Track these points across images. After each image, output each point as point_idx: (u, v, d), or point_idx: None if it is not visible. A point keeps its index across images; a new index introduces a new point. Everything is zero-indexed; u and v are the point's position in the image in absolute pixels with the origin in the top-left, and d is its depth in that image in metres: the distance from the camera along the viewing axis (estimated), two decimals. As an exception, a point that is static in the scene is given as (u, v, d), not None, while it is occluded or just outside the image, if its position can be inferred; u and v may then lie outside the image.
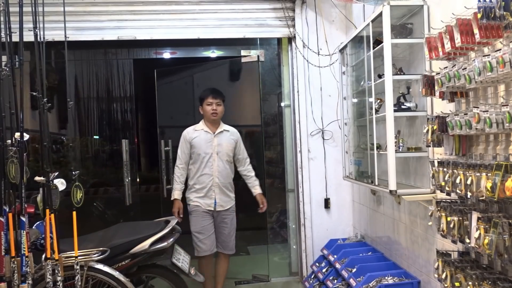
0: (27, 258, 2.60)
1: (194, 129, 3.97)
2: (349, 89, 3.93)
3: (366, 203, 4.08)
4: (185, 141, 3.95)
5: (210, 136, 3.92)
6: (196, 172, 3.91)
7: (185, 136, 3.96)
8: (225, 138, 3.96)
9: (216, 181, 3.88)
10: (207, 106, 3.91)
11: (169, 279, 3.31)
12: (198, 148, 3.88)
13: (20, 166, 2.58)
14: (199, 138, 3.91)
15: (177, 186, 3.94)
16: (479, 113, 1.99)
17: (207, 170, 3.88)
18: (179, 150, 3.97)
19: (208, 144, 3.89)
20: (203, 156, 3.87)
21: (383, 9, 2.79)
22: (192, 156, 3.93)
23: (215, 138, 3.92)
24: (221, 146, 3.91)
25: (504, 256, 1.83)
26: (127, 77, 6.00)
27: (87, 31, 4.21)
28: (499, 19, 1.82)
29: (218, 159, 3.89)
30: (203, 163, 3.87)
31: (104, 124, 6.07)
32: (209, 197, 3.88)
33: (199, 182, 3.89)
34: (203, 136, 3.92)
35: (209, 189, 3.88)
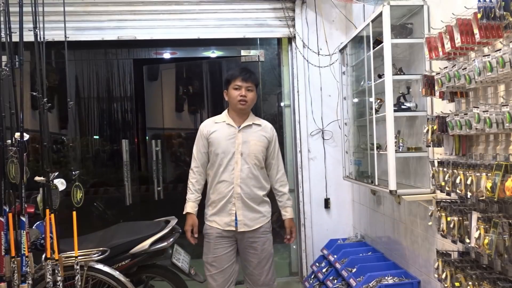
0: (27, 258, 2.60)
1: (214, 121, 3.11)
2: (349, 89, 3.92)
3: (366, 203, 4.08)
4: (201, 136, 3.09)
5: (234, 131, 3.03)
6: (213, 179, 3.03)
7: (202, 130, 3.10)
8: (254, 134, 3.06)
9: (238, 191, 2.96)
10: (234, 90, 3.02)
11: (169, 279, 3.31)
12: (217, 145, 3.00)
13: (20, 166, 2.58)
14: (218, 133, 3.03)
15: (190, 196, 3.07)
16: (479, 113, 1.98)
17: (226, 175, 2.98)
18: (195, 148, 3.12)
19: (230, 141, 3.00)
20: (222, 156, 2.99)
21: (383, 9, 2.79)
22: (210, 156, 3.07)
23: (239, 134, 3.02)
24: (247, 144, 3.01)
25: (504, 256, 1.83)
26: (127, 77, 6.00)
27: (87, 31, 4.21)
28: (499, 19, 1.82)
29: (242, 161, 2.98)
30: (221, 166, 2.99)
31: (104, 124, 6.07)
32: (227, 213, 2.98)
33: (215, 192, 3.02)
34: (225, 130, 3.04)
35: (228, 201, 2.97)
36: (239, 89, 3.01)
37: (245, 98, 3.00)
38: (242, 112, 3.06)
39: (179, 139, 5.77)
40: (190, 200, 3.07)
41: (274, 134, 3.15)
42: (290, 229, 3.16)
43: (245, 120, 3.07)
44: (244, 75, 3.03)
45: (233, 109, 3.07)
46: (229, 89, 3.06)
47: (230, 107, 3.09)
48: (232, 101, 3.04)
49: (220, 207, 2.99)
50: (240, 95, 3.00)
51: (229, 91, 3.05)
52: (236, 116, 3.07)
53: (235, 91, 3.02)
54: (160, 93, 5.88)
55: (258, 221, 3.02)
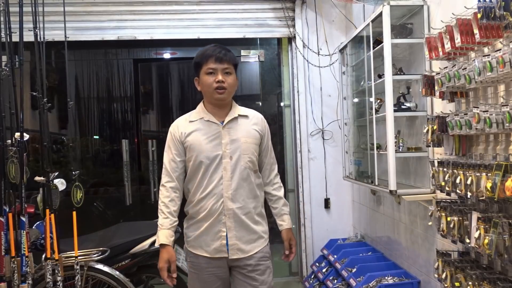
0: (27, 258, 2.60)
1: (188, 119, 2.39)
2: (349, 89, 3.92)
3: (366, 203, 4.08)
4: (174, 141, 2.36)
5: (216, 128, 2.33)
6: (194, 193, 2.33)
7: (174, 132, 2.37)
8: (243, 128, 2.36)
9: (229, 205, 2.28)
10: (207, 76, 2.29)
11: (169, 279, 3.30)
12: (198, 151, 2.29)
13: (20, 166, 2.58)
14: (197, 134, 2.32)
15: (164, 221, 2.30)
16: (479, 113, 1.98)
17: (213, 187, 2.28)
18: (165, 158, 2.37)
19: (214, 143, 2.31)
20: (206, 164, 2.28)
21: (383, 9, 2.79)
22: (189, 165, 2.34)
23: (224, 131, 2.32)
24: (236, 143, 2.32)
25: (504, 256, 1.83)
26: (127, 77, 6.00)
27: (87, 31, 4.21)
28: (499, 19, 1.82)
29: (232, 166, 2.29)
30: (205, 176, 2.29)
31: (104, 124, 6.07)
32: (215, 236, 2.30)
33: (199, 209, 2.31)
34: (205, 129, 2.33)
35: (216, 220, 2.29)
36: (213, 74, 2.28)
37: (223, 85, 2.27)
38: (221, 103, 2.34)
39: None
40: (164, 226, 2.29)
41: (266, 125, 2.46)
42: (289, 242, 2.47)
43: (228, 113, 2.35)
44: (218, 53, 2.29)
45: (209, 101, 2.35)
46: (200, 76, 2.33)
47: (205, 98, 2.38)
48: (207, 90, 2.31)
49: (206, 228, 2.30)
50: (216, 81, 2.27)
51: (201, 77, 2.32)
52: (215, 110, 2.34)
53: (208, 76, 2.29)
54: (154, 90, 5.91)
55: (256, 244, 2.34)
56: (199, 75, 2.35)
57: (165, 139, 2.42)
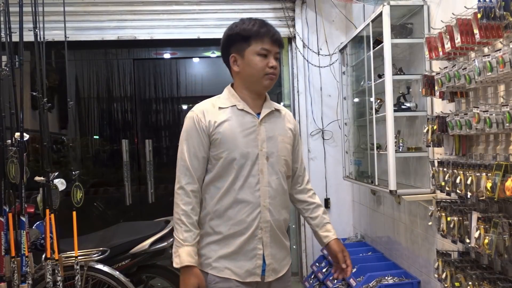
0: (27, 258, 2.60)
1: (217, 105, 1.91)
2: (349, 89, 3.93)
3: (366, 203, 4.08)
4: (198, 131, 1.86)
5: (253, 121, 1.90)
6: (221, 200, 1.85)
7: (198, 120, 1.87)
8: (280, 125, 1.98)
9: (267, 217, 1.87)
10: (259, 57, 1.87)
11: (169, 279, 3.31)
12: (231, 145, 1.84)
13: (20, 166, 2.58)
14: (231, 125, 1.87)
15: (187, 235, 1.81)
16: (479, 113, 1.98)
17: (248, 193, 1.85)
18: (184, 151, 1.87)
19: (250, 138, 1.87)
20: (241, 163, 1.84)
21: (383, 9, 2.79)
22: (215, 163, 1.87)
23: (261, 126, 1.90)
24: (273, 142, 1.91)
25: (504, 256, 1.83)
26: (127, 77, 6.01)
27: (87, 31, 4.21)
28: (499, 19, 1.82)
29: (269, 168, 1.89)
30: (239, 178, 1.84)
31: (104, 124, 6.07)
32: (250, 255, 1.86)
33: (228, 220, 1.85)
34: (238, 120, 1.88)
35: (252, 236, 1.85)
36: (266, 56, 1.88)
37: (275, 72, 1.91)
38: (264, 92, 1.96)
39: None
40: (187, 242, 1.80)
41: (297, 125, 2.14)
42: (343, 254, 2.00)
43: (264, 104, 1.95)
44: (274, 34, 1.91)
45: (249, 86, 1.91)
46: (246, 54, 1.88)
47: (244, 83, 1.92)
48: (254, 74, 1.88)
49: (239, 246, 1.84)
50: (269, 66, 1.88)
51: (248, 57, 1.87)
52: (250, 99, 1.92)
53: (260, 58, 1.87)
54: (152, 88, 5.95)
55: (285, 262, 1.97)
56: (241, 53, 1.89)
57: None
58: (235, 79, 1.96)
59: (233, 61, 1.92)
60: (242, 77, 1.92)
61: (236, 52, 1.91)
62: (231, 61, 1.93)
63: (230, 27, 1.94)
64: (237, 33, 1.90)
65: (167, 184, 5.65)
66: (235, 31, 1.91)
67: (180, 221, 1.82)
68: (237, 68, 1.91)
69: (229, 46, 1.93)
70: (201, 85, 6.18)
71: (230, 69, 1.97)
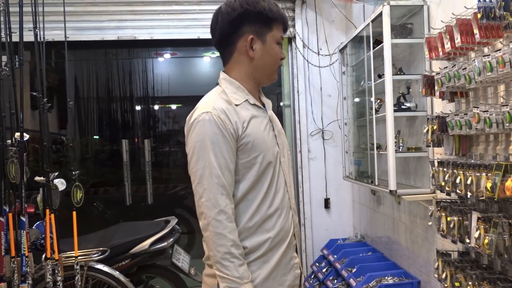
0: (27, 258, 2.60)
1: (232, 101, 1.57)
2: (349, 89, 3.93)
3: (366, 203, 4.08)
4: (226, 136, 1.50)
5: (265, 116, 1.66)
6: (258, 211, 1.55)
7: (223, 124, 1.50)
8: (276, 118, 1.77)
9: (296, 220, 1.70)
10: (277, 46, 1.63)
11: (169, 279, 3.31)
12: (264, 147, 1.57)
13: (20, 166, 2.58)
14: (256, 123, 1.59)
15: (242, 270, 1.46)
16: (479, 113, 1.99)
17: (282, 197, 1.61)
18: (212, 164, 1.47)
19: (271, 134, 1.64)
20: (274, 165, 1.59)
21: (383, 9, 2.79)
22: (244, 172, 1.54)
23: (271, 121, 1.70)
24: (282, 136, 1.72)
25: (504, 256, 1.83)
26: (127, 77, 6.00)
27: (87, 31, 4.21)
28: (499, 19, 1.82)
29: (287, 166, 1.69)
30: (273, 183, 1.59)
31: (104, 124, 6.07)
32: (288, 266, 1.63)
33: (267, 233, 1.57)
34: (257, 116, 1.61)
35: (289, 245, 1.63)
36: (280, 46, 1.65)
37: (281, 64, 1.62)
38: (265, 85, 1.73)
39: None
40: (245, 278, 1.46)
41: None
42: None
43: (260, 97, 1.71)
44: (287, 21, 1.66)
45: (258, 77, 1.64)
46: (268, 39, 1.59)
47: (254, 72, 1.63)
48: (269, 63, 1.63)
49: (278, 259, 1.58)
50: (282, 57, 1.66)
51: (269, 43, 1.60)
52: (253, 90, 1.65)
53: (277, 47, 1.63)
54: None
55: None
56: (263, 37, 1.58)
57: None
58: (240, 66, 1.61)
59: (249, 44, 1.57)
60: (255, 65, 1.60)
61: (255, 33, 1.56)
62: (246, 43, 1.57)
63: (247, 1, 1.55)
64: (259, 12, 1.55)
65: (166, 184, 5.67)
66: (256, 7, 1.55)
67: (229, 254, 1.44)
68: (253, 53, 1.58)
69: (244, 23, 1.56)
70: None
71: (229, 52, 1.62)
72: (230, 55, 1.62)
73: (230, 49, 1.61)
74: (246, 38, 1.57)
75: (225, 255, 1.44)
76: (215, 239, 1.45)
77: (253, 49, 1.58)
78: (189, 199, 5.87)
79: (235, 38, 1.58)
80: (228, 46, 1.61)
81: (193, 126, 1.52)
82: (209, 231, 1.46)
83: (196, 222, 1.50)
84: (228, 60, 1.64)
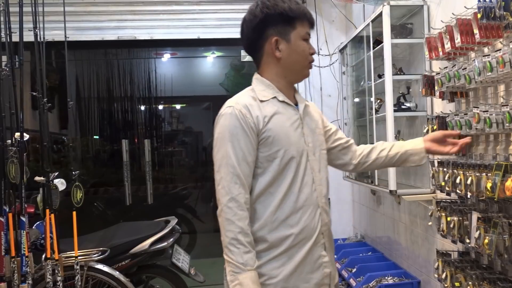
0: (27, 258, 2.60)
1: (258, 97, 1.64)
2: (349, 89, 3.93)
3: (366, 203, 4.08)
4: (245, 130, 1.57)
5: (295, 114, 1.69)
6: (280, 207, 1.60)
7: (244, 118, 1.57)
8: (314, 118, 1.78)
9: (325, 219, 1.71)
10: (304, 43, 1.66)
11: (169, 279, 3.31)
12: (287, 142, 1.61)
13: (20, 166, 2.58)
14: (280, 119, 1.63)
15: (247, 257, 1.51)
16: (479, 113, 1.98)
17: (307, 195, 1.65)
18: (230, 155, 1.55)
19: (298, 132, 1.67)
20: (298, 161, 1.63)
21: (383, 9, 2.79)
22: (266, 165, 1.60)
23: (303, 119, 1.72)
24: (314, 134, 1.74)
25: (504, 256, 1.83)
26: (127, 77, 6.01)
27: (87, 31, 4.21)
28: (499, 19, 1.82)
29: (318, 164, 1.72)
30: (297, 178, 1.63)
31: (104, 124, 6.07)
32: (316, 265, 1.64)
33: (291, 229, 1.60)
34: (285, 112, 1.66)
35: (316, 242, 1.64)
36: (307, 42, 1.67)
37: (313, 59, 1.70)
38: (298, 82, 1.81)
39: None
40: (249, 265, 1.51)
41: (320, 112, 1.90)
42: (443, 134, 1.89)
43: (295, 95, 1.74)
44: (311, 16, 1.69)
45: (289, 75, 1.69)
46: (293, 38, 1.64)
47: (284, 71, 1.67)
48: (298, 61, 1.67)
49: (304, 256, 1.61)
50: (311, 53, 1.68)
51: (295, 41, 1.64)
52: (285, 89, 1.69)
53: (305, 44, 1.66)
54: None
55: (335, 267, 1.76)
56: (286, 37, 1.63)
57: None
58: (270, 67, 1.67)
59: (274, 45, 1.63)
60: (283, 65, 1.66)
61: (279, 34, 1.62)
62: (272, 45, 1.63)
63: (266, 4, 1.63)
64: (280, 13, 1.61)
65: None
66: (276, 10, 1.61)
67: (236, 240, 1.51)
68: (279, 54, 1.64)
69: (267, 27, 1.63)
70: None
71: (259, 56, 1.69)
72: (260, 59, 1.70)
73: (259, 54, 1.69)
74: (271, 41, 1.63)
75: (232, 240, 1.51)
76: (224, 225, 1.53)
77: (279, 50, 1.64)
78: (189, 199, 5.88)
79: (262, 43, 1.65)
80: (257, 51, 1.69)
81: (218, 119, 1.62)
82: (221, 217, 1.55)
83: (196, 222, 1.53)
84: (259, 63, 1.71)
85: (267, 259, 1.59)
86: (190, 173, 6.46)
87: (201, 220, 5.44)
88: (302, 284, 1.61)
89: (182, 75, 6.26)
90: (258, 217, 1.60)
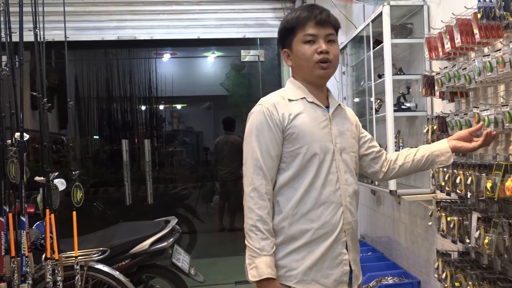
0: (27, 258, 2.60)
1: (287, 97, 1.77)
2: (349, 89, 3.93)
3: (366, 203, 4.08)
4: (271, 125, 1.70)
5: (324, 115, 1.78)
6: (301, 201, 1.69)
7: (270, 114, 1.71)
8: (346, 121, 1.85)
9: (349, 218, 1.73)
10: (305, 45, 1.74)
11: (169, 279, 3.31)
12: (310, 139, 1.71)
13: (20, 166, 2.58)
14: (306, 118, 1.73)
15: (264, 244, 1.63)
16: (479, 113, 1.99)
17: (330, 192, 1.71)
18: (254, 149, 1.69)
19: (325, 132, 1.75)
20: (321, 158, 1.71)
21: (383, 9, 2.79)
22: (290, 160, 1.71)
23: (333, 120, 1.80)
24: (344, 136, 1.80)
25: (504, 256, 1.83)
26: (127, 77, 6.01)
27: (87, 31, 4.22)
28: (499, 19, 1.82)
29: (344, 165, 1.76)
30: (320, 175, 1.70)
31: (104, 124, 6.07)
32: (336, 262, 1.70)
33: (312, 223, 1.68)
34: (312, 112, 1.76)
35: (336, 240, 1.70)
36: (313, 43, 1.73)
37: (327, 56, 1.73)
38: (323, 81, 1.84)
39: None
40: (265, 251, 1.63)
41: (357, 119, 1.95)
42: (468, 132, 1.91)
43: (328, 97, 1.87)
44: (318, 15, 1.73)
45: (306, 78, 1.80)
46: (294, 46, 1.77)
47: (301, 76, 1.81)
48: (305, 65, 1.75)
49: (324, 252, 1.68)
50: (318, 52, 1.73)
51: (296, 48, 1.76)
52: (314, 91, 1.81)
53: (307, 46, 1.73)
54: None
55: (359, 267, 1.82)
56: (290, 46, 1.78)
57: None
58: (295, 75, 1.86)
59: (285, 57, 1.84)
60: (295, 71, 1.84)
61: (287, 46, 1.81)
62: (284, 57, 1.85)
63: (279, 27, 1.84)
64: (283, 28, 1.81)
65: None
66: (281, 26, 1.82)
67: (255, 227, 1.64)
68: (289, 62, 1.83)
69: (281, 43, 1.85)
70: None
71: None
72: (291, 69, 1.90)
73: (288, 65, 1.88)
74: (284, 54, 1.85)
75: (251, 227, 1.65)
76: (246, 213, 1.68)
77: (290, 59, 1.83)
78: (189, 199, 5.88)
79: (284, 57, 1.86)
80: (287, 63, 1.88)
81: (248, 117, 1.79)
82: (244, 205, 1.69)
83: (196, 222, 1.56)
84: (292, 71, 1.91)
85: (287, 251, 1.68)
86: (190, 173, 6.46)
87: (201, 220, 5.44)
88: (321, 279, 1.67)
89: (182, 75, 6.26)
90: (279, 210, 1.70)
